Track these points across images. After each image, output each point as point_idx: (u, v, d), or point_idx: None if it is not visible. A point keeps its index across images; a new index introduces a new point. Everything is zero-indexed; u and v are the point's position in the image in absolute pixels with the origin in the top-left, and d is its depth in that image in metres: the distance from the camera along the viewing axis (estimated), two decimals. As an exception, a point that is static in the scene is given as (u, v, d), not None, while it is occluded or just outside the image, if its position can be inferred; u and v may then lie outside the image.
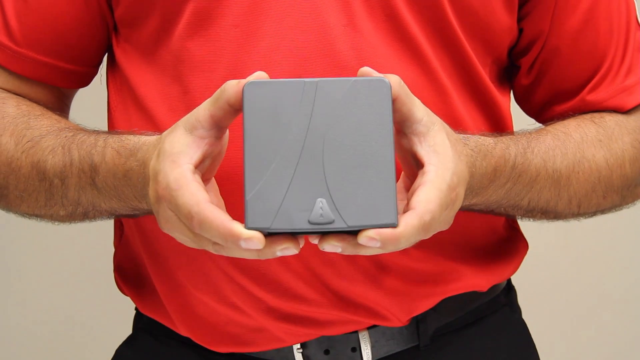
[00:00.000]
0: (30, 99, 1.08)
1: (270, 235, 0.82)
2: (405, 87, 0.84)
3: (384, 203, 0.81)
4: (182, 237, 0.86)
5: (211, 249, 0.85)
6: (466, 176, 0.90)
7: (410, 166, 0.87)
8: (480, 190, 0.96)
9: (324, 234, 0.82)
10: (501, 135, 1.01)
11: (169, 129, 0.88)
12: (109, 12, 1.07)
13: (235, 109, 0.84)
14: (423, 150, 0.85)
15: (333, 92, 0.82)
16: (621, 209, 1.10)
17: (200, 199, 0.82)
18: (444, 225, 0.88)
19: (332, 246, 0.82)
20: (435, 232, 0.87)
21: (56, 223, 1.05)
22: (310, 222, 0.81)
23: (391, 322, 1.06)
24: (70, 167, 0.98)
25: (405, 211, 0.83)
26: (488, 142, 0.97)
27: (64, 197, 1.00)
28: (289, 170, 0.81)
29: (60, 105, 1.12)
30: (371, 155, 0.81)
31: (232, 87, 0.83)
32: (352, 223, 0.80)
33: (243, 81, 0.82)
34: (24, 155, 1.01)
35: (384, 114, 0.82)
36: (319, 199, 0.81)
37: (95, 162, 0.96)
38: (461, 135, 0.94)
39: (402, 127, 0.86)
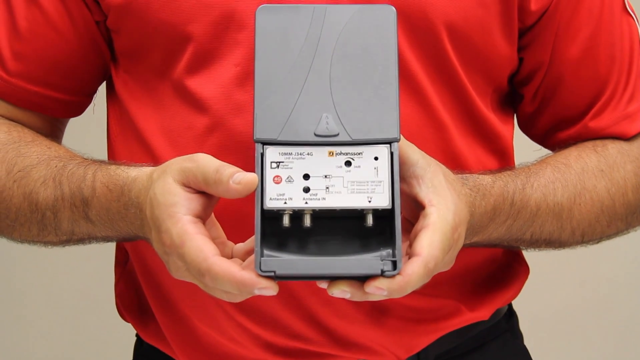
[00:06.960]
0: (23, 124, 1.07)
1: (280, 280, 0.82)
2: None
3: (387, 119, 0.84)
4: (194, 283, 0.86)
5: (224, 298, 0.85)
6: (467, 215, 0.90)
7: (411, 209, 0.87)
8: (480, 229, 0.96)
9: (332, 280, 0.82)
10: (500, 172, 1.00)
11: (158, 170, 0.88)
12: (105, 45, 1.06)
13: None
14: (422, 192, 0.86)
15: (341, 16, 0.86)
16: (628, 233, 1.10)
17: (207, 253, 0.82)
18: (446, 267, 0.88)
19: (341, 291, 0.82)
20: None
21: (49, 246, 1.05)
22: (316, 135, 0.83)
23: (389, 359, 1.06)
24: (62, 200, 0.98)
25: (408, 254, 0.83)
26: (486, 180, 0.97)
27: (57, 228, 0.99)
28: (296, 88, 0.85)
29: (53, 131, 1.11)
30: (376, 75, 0.85)
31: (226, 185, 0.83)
32: (356, 137, 0.84)
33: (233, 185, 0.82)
34: (16, 185, 1.00)
35: (390, 37, 0.86)
36: (325, 114, 0.84)
37: (86, 196, 0.96)
38: (459, 175, 0.94)
39: (400, 172, 0.86)
